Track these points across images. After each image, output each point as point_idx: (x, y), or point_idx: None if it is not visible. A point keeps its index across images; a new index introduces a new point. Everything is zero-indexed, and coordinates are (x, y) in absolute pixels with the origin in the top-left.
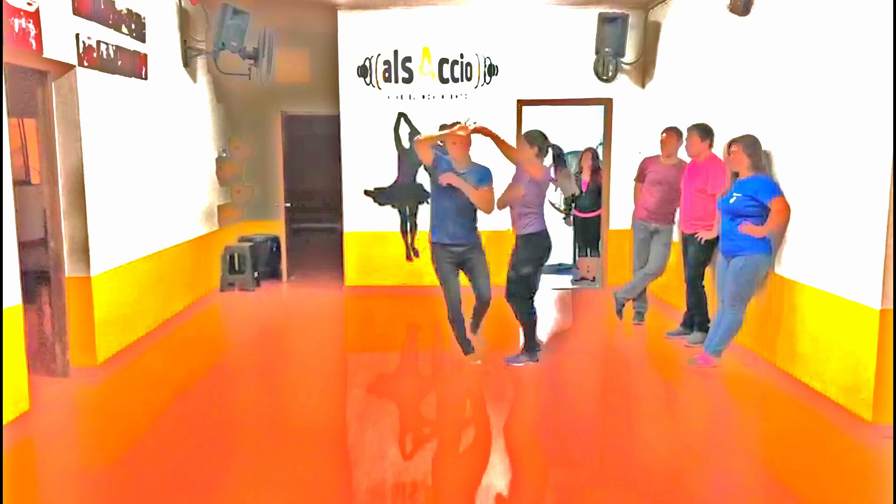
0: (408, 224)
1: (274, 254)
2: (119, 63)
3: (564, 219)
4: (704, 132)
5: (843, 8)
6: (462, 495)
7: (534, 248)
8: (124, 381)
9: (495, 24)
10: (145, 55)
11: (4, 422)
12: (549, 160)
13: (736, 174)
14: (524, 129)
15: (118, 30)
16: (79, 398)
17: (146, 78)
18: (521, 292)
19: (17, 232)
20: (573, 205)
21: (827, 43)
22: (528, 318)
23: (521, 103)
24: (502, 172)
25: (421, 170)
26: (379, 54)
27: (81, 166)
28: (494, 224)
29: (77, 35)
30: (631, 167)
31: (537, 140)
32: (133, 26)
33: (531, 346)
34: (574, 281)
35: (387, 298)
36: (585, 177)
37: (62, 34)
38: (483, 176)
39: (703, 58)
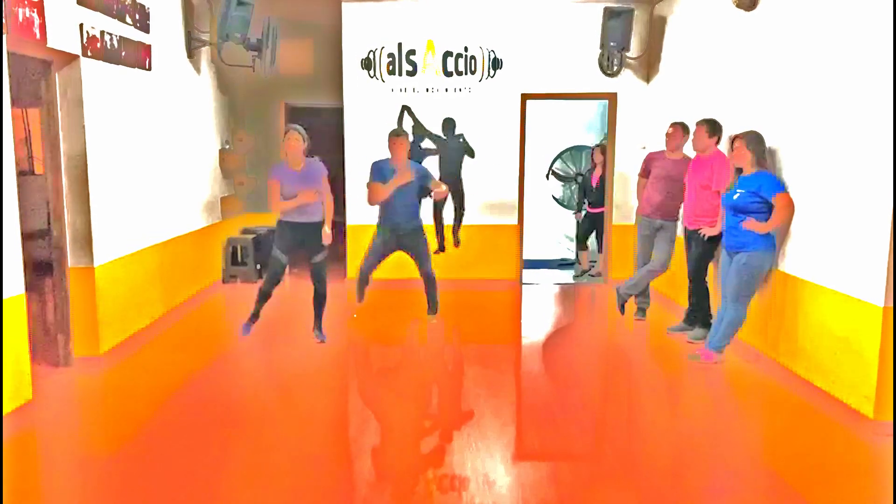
0: None
1: None
2: (123, 53)
3: (575, 214)
4: (713, 127)
5: (848, 4)
6: (463, 488)
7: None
8: (127, 372)
9: (500, 17)
10: (149, 46)
11: (7, 411)
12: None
13: (739, 170)
14: (528, 124)
15: (122, 20)
16: (81, 388)
17: (150, 69)
18: None
19: (20, 222)
20: (587, 200)
21: (832, 39)
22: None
23: (525, 97)
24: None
25: (423, 162)
26: (383, 47)
27: (85, 156)
28: None
29: (81, 25)
30: (635, 162)
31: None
32: (137, 17)
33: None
34: (576, 276)
35: (389, 291)
36: (598, 172)
37: (66, 24)
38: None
39: (709, 53)
